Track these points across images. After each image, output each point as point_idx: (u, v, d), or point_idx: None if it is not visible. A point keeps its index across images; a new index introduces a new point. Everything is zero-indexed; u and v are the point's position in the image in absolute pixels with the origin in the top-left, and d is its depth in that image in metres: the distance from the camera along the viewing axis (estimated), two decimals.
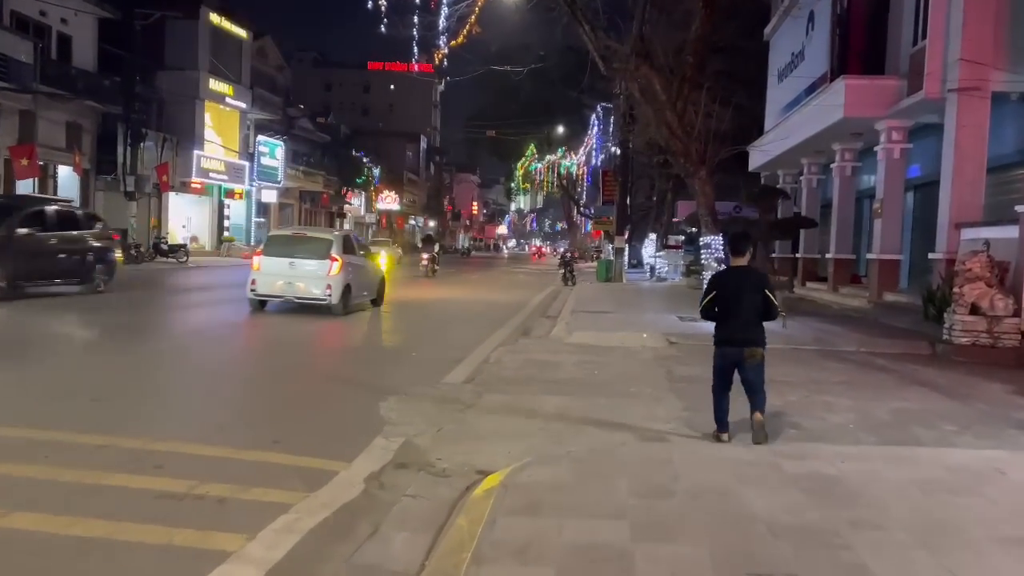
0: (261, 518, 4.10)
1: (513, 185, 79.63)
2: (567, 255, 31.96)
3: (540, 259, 65.86)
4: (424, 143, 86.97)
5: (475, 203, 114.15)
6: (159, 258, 31.37)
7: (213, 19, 38.18)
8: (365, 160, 62.84)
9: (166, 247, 32.14)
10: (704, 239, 17.25)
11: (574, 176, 60.99)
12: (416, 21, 16.98)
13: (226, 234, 41.04)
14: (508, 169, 77.62)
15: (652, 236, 37.04)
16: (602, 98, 40.63)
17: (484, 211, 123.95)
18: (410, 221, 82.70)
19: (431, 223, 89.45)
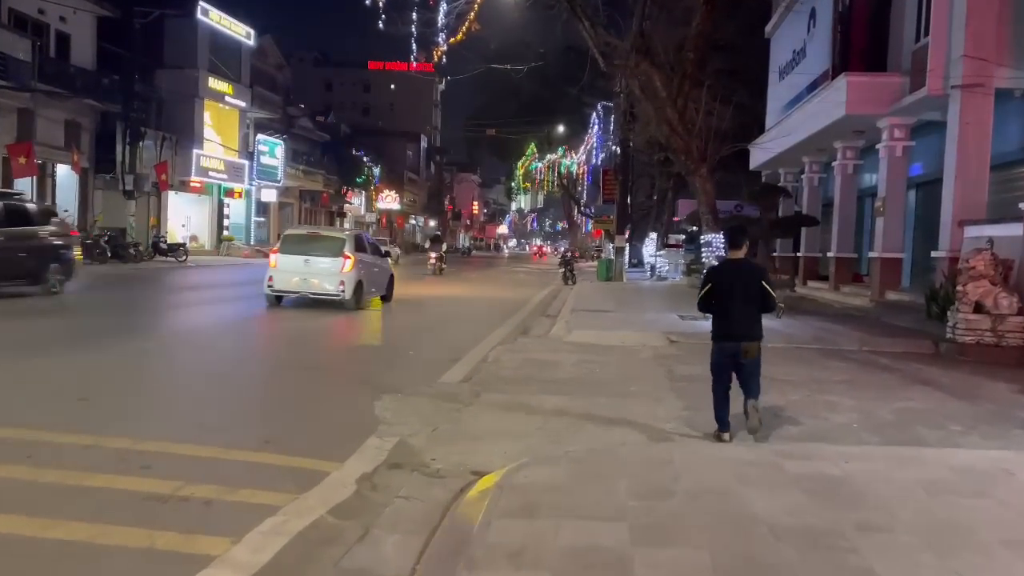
0: (248, 520, 3.99)
1: (513, 185, 79.62)
2: (567, 254, 32.05)
3: (541, 259, 65.74)
4: (424, 142, 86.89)
5: (475, 203, 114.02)
6: (158, 257, 31.32)
7: (212, 17, 38.04)
8: (365, 159, 62.72)
9: (165, 246, 32.05)
10: (705, 237, 17.16)
11: (574, 175, 60.92)
12: (415, 18, 16.89)
13: (225, 233, 40.93)
14: (508, 168, 77.64)
15: (653, 235, 36.91)
16: (602, 97, 40.55)
17: (485, 211, 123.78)
18: (410, 220, 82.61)
19: (431, 223, 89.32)
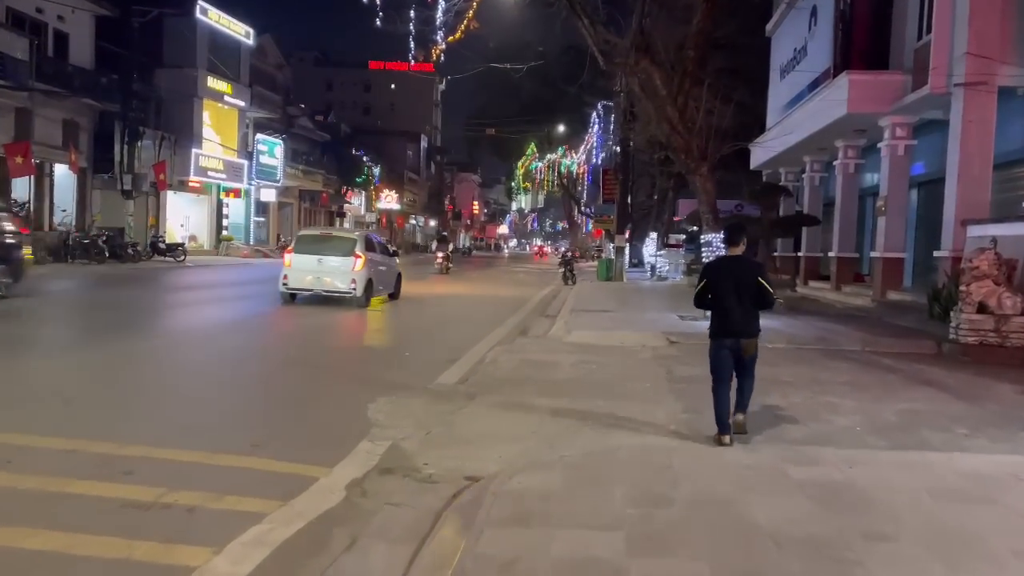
0: (231, 529, 3.85)
1: (514, 184, 79.45)
2: (567, 254, 31.94)
3: (542, 258, 65.58)
4: (425, 142, 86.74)
5: (476, 202, 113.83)
6: (156, 257, 31.18)
7: (212, 17, 37.85)
8: (365, 159, 62.56)
9: (164, 246, 31.89)
10: (705, 237, 17.01)
11: (574, 175, 60.77)
12: (412, 16, 16.75)
13: (225, 233, 40.78)
14: (509, 168, 77.47)
15: (653, 235, 36.74)
16: (603, 96, 40.41)
17: (485, 211, 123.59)
18: (410, 220, 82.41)
19: (432, 223, 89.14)
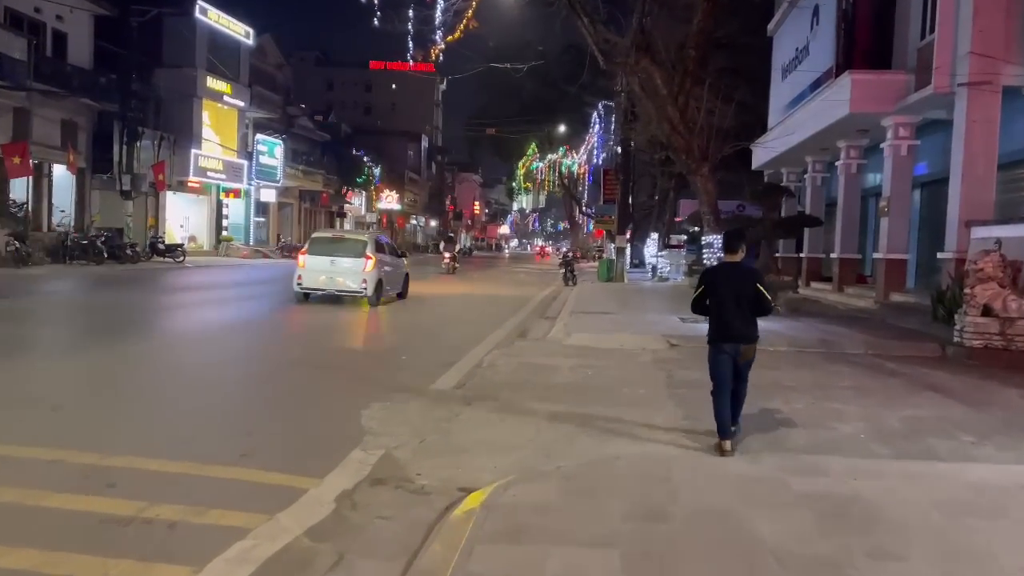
0: (214, 546, 3.71)
1: (515, 184, 79.32)
2: (568, 255, 31.86)
3: (544, 259, 65.41)
4: (425, 142, 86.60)
5: (477, 203, 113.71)
6: (156, 258, 31.07)
7: (211, 17, 37.73)
8: (366, 159, 62.42)
9: (163, 247, 31.79)
10: (706, 238, 16.89)
11: (575, 175, 60.62)
12: (411, 16, 16.62)
13: (224, 233, 40.67)
14: (510, 169, 77.36)
15: (654, 235, 36.56)
16: (603, 96, 40.26)
17: (486, 211, 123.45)
18: (411, 221, 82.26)
19: (432, 223, 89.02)
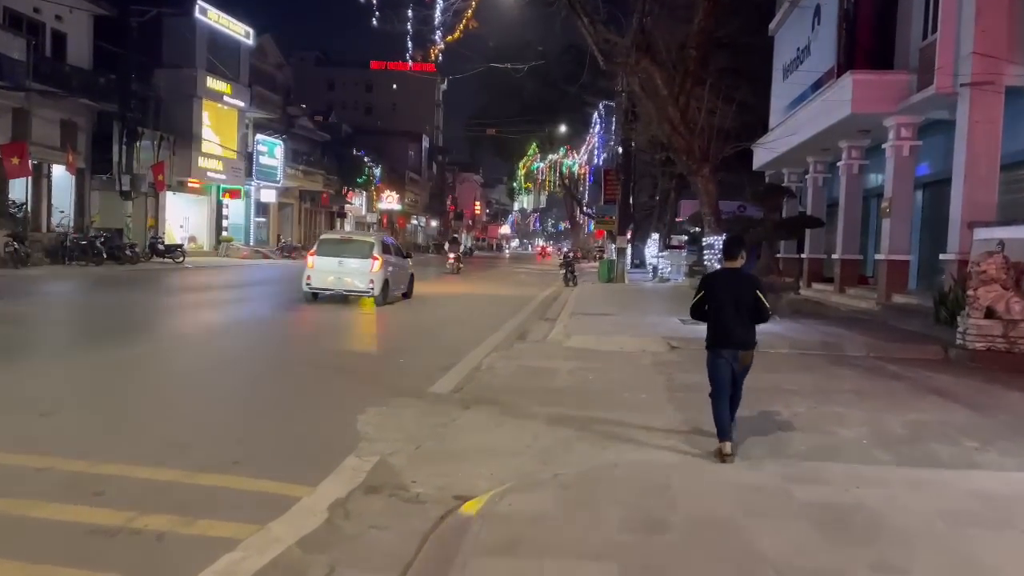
0: (202, 557, 3.62)
1: (515, 185, 79.21)
2: (569, 255, 31.74)
3: (545, 259, 65.31)
4: (426, 142, 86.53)
5: (478, 203, 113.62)
6: (155, 258, 31.01)
7: (211, 17, 37.65)
8: (366, 159, 62.34)
9: (162, 247, 31.73)
10: (707, 240, 16.81)
11: (576, 175, 60.52)
12: (410, 16, 16.54)
13: (224, 234, 40.59)
14: (511, 169, 77.21)
15: (655, 236, 36.48)
16: (604, 96, 40.16)
17: (487, 211, 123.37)
18: (412, 221, 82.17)
19: (433, 223, 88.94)
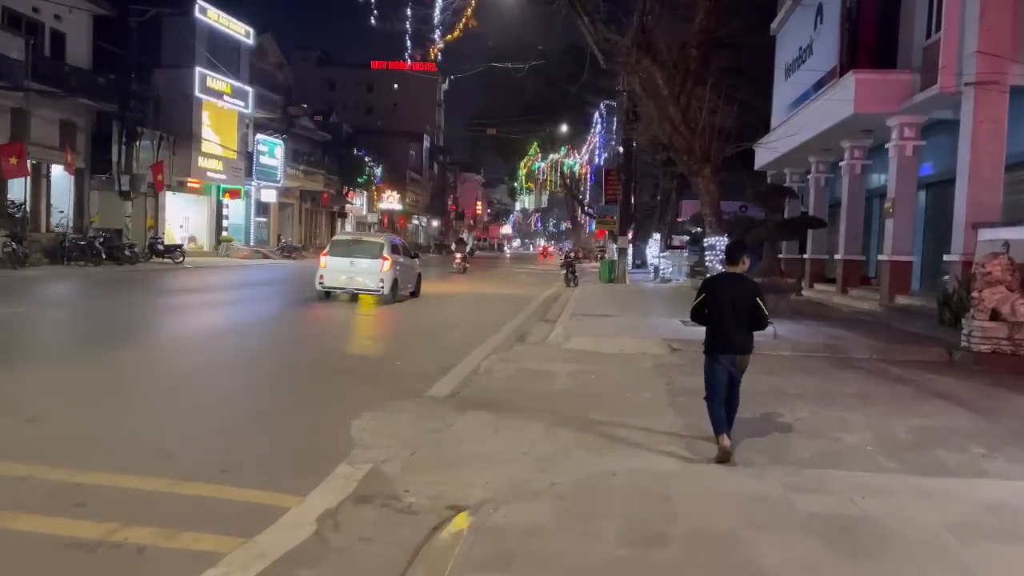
0: (183, 573, 3.49)
1: (516, 185, 79.06)
2: (570, 255, 31.67)
3: (547, 259, 65.20)
4: (427, 142, 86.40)
5: (479, 203, 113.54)
6: (155, 259, 30.90)
7: (211, 16, 37.55)
8: (367, 159, 62.22)
9: (162, 247, 31.63)
10: (708, 240, 16.67)
11: (577, 175, 60.36)
12: (409, 15, 16.41)
13: (224, 234, 40.49)
14: (512, 169, 77.07)
15: (656, 236, 36.35)
16: (605, 96, 40.01)
17: (488, 211, 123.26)
18: (413, 221, 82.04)
19: (435, 223, 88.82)
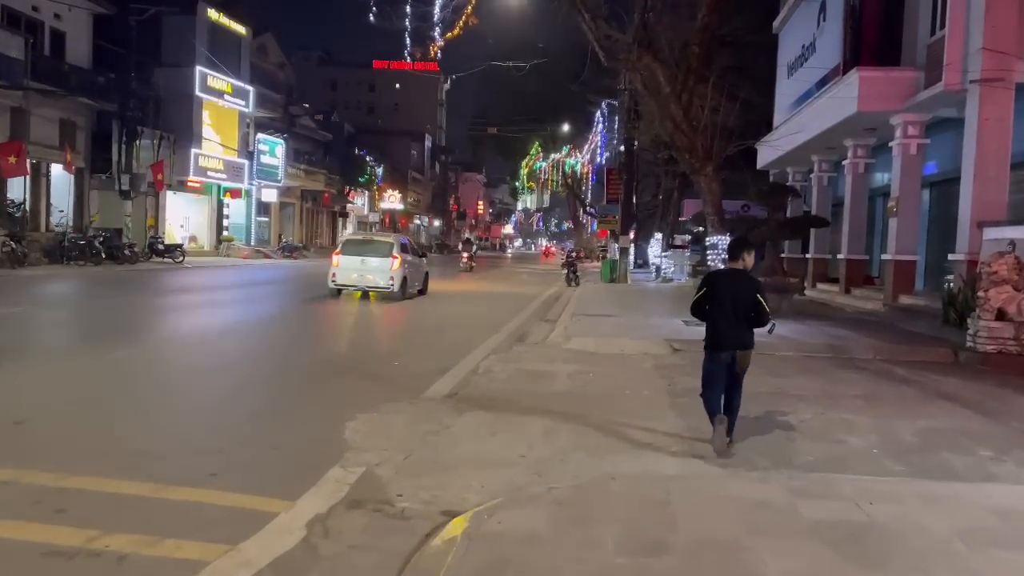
0: None
1: (518, 184, 78.92)
2: (571, 255, 31.56)
3: (549, 258, 65.11)
4: (429, 142, 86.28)
5: (480, 202, 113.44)
6: (155, 258, 30.81)
7: (211, 15, 37.46)
8: (368, 159, 62.10)
9: (162, 247, 31.53)
10: (710, 239, 16.55)
11: (579, 174, 60.20)
12: (409, 12, 16.29)
13: (225, 234, 40.38)
14: (513, 168, 76.96)
15: (658, 235, 36.22)
16: (607, 95, 39.84)
17: (490, 210, 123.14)
18: (415, 220, 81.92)
19: (436, 222, 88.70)
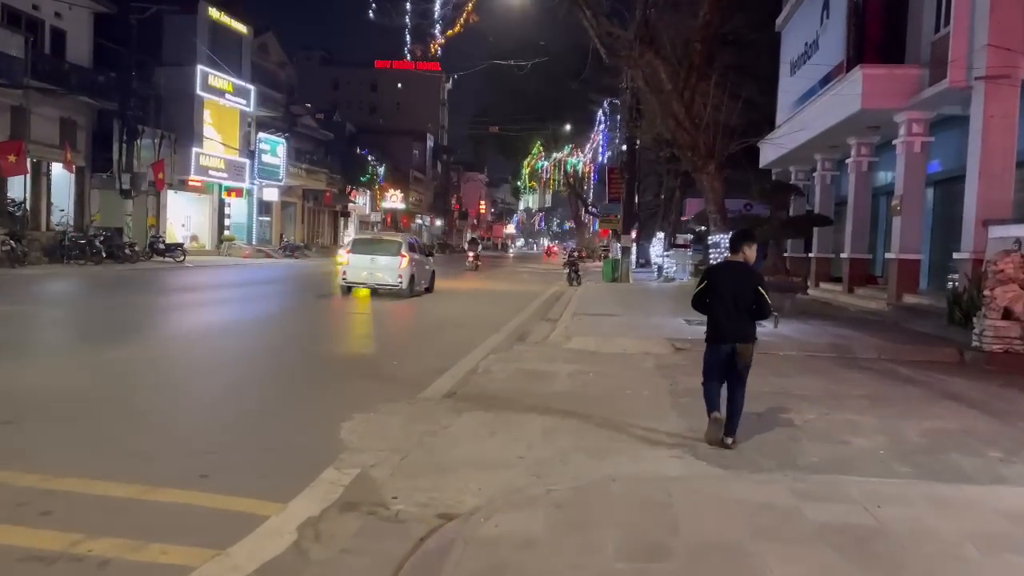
0: None
1: (520, 184, 78.83)
2: (572, 254, 31.50)
3: (551, 258, 65.00)
4: (431, 141, 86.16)
5: (482, 202, 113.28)
6: (155, 257, 30.73)
7: (212, 14, 37.38)
8: (370, 158, 62.01)
9: (163, 246, 31.45)
10: (713, 238, 16.43)
11: (581, 174, 60.09)
12: (409, 9, 16.19)
13: (227, 233, 40.31)
14: (515, 168, 76.84)
15: (660, 235, 36.06)
16: (609, 94, 39.73)
17: (492, 210, 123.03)
18: (416, 220, 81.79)
19: (438, 222, 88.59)
